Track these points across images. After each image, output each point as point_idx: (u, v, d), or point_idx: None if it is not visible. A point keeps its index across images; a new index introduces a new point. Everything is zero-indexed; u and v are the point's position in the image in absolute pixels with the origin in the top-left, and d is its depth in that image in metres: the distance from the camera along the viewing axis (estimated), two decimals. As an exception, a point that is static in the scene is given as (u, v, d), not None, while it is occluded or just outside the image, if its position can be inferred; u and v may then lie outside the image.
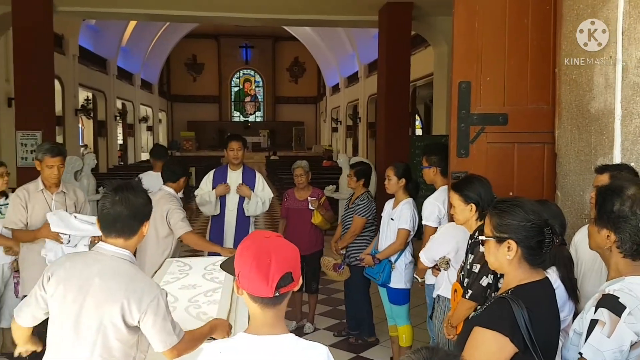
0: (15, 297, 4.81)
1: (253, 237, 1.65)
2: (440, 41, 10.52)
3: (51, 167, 4.08)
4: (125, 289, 2.13)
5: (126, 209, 2.20)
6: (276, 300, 1.59)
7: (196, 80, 36.54)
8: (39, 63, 8.38)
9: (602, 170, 2.90)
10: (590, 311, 1.93)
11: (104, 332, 2.14)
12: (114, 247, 2.22)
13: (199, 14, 10.21)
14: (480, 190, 3.06)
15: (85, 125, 19.57)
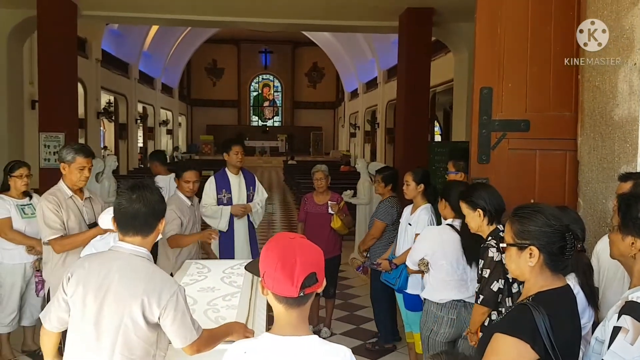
0: (37, 296, 4.89)
1: (278, 238, 1.67)
2: (460, 47, 10.47)
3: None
4: (144, 286, 2.16)
5: (144, 206, 2.23)
6: (301, 300, 1.61)
7: (216, 84, 36.85)
8: (63, 66, 8.51)
9: (626, 178, 2.86)
10: (612, 318, 1.90)
11: (124, 330, 2.17)
12: (132, 245, 2.25)
13: (220, 18, 10.28)
14: (485, 196, 3.10)
15: (106, 128, 19.82)
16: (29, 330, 5.04)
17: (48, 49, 8.36)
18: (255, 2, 8.93)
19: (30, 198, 4.88)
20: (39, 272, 4.82)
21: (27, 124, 9.93)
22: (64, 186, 3.84)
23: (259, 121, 38.43)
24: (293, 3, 9.00)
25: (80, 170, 3.79)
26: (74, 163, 3.78)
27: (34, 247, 4.71)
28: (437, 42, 11.83)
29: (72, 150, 3.82)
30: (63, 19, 8.50)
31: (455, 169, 4.16)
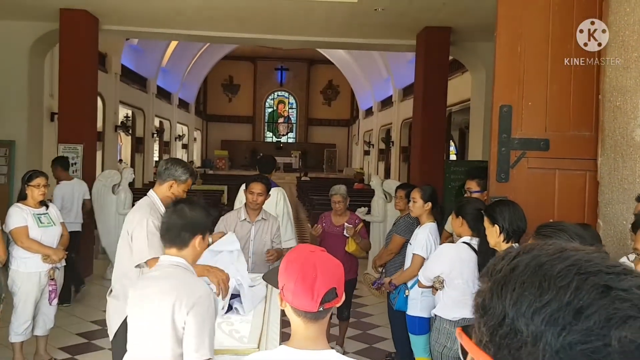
0: (50, 305, 4.92)
1: (299, 251, 1.66)
2: (478, 66, 10.48)
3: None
4: (177, 291, 2.24)
5: (179, 219, 2.39)
6: (320, 315, 1.58)
7: (231, 100, 37.14)
8: (84, 79, 8.64)
9: None
10: None
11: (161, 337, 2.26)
12: (170, 256, 2.40)
13: (238, 35, 10.39)
14: (506, 214, 3.08)
15: (123, 141, 20.00)
16: (41, 339, 5.05)
17: (69, 63, 8.50)
18: (273, 19, 9.02)
19: (47, 208, 4.94)
20: (53, 280, 4.86)
21: (46, 136, 10.06)
22: (159, 203, 3.46)
23: (273, 137, 38.60)
24: (311, 20, 9.07)
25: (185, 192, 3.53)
26: (185, 184, 3.50)
27: (49, 256, 4.76)
28: (454, 62, 11.85)
29: (189, 170, 3.55)
30: (84, 33, 8.65)
31: (480, 187, 4.13)
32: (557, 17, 3.68)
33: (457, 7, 7.84)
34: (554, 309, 0.60)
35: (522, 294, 0.62)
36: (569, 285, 0.61)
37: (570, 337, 0.59)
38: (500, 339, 0.63)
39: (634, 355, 0.57)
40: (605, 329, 0.58)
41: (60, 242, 4.97)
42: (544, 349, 0.60)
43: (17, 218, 4.72)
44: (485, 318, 0.66)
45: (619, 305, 0.59)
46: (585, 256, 0.65)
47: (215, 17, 8.99)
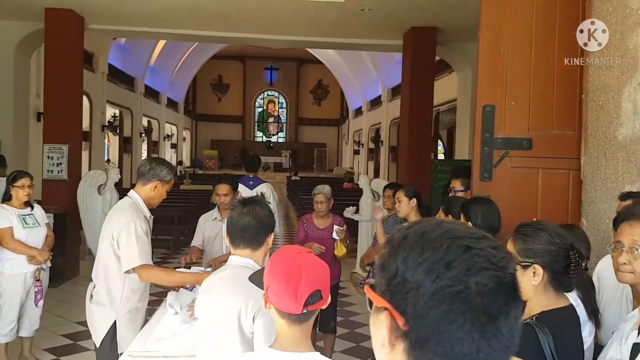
0: (36, 306, 4.88)
1: (284, 252, 1.64)
2: (464, 66, 10.51)
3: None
4: (243, 295, 2.18)
5: (253, 219, 2.35)
6: (304, 317, 1.58)
7: (221, 100, 37.04)
8: (69, 79, 8.58)
9: (626, 197, 2.85)
10: (631, 336, 1.86)
11: (229, 339, 2.21)
12: (240, 257, 2.36)
13: (226, 34, 10.35)
14: (479, 212, 3.10)
15: (111, 141, 19.89)
16: (26, 341, 5.02)
17: (54, 62, 8.43)
18: (262, 18, 9.00)
19: (32, 208, 4.90)
20: (38, 281, 4.83)
21: (32, 136, 9.98)
22: (143, 204, 3.38)
23: (263, 137, 38.54)
24: (299, 20, 9.06)
25: (166, 193, 3.47)
26: (168, 184, 3.43)
27: (34, 257, 4.73)
28: (441, 62, 11.88)
29: (173, 170, 3.48)
30: (70, 32, 8.58)
31: (464, 187, 4.14)
32: (541, 16, 3.69)
33: (443, 7, 7.86)
34: (430, 262, 0.79)
35: (409, 254, 0.81)
36: (442, 246, 0.80)
37: (441, 282, 0.77)
38: (394, 287, 0.82)
39: (486, 295, 0.77)
40: (466, 276, 0.77)
41: (45, 242, 4.93)
42: (423, 291, 0.78)
43: (2, 219, 4.68)
44: (384, 273, 0.84)
45: (476, 260, 0.78)
46: (455, 227, 0.84)
47: (203, 16, 8.95)
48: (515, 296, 0.81)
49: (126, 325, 3.30)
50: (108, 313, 3.29)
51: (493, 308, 0.77)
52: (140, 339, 3.00)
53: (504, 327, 0.78)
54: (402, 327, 0.80)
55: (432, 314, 0.77)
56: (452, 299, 0.77)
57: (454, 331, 0.76)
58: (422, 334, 0.78)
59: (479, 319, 0.76)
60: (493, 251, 0.80)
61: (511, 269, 0.81)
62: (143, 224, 3.24)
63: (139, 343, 2.94)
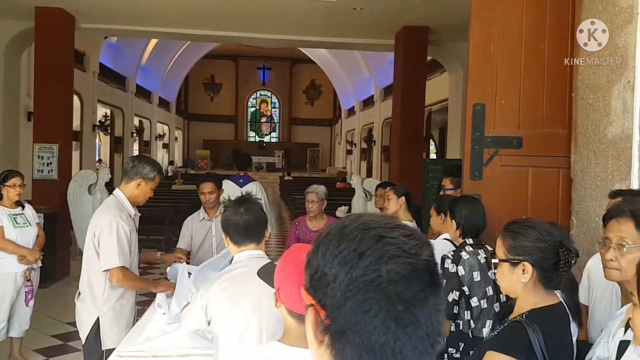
0: (26, 306, 4.86)
1: (295, 252, 1.61)
2: (455, 66, 10.54)
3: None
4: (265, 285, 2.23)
5: (252, 216, 2.48)
6: None
7: (213, 99, 36.95)
8: (59, 78, 8.53)
9: (615, 195, 2.85)
10: (618, 333, 1.86)
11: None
12: (249, 251, 2.48)
13: (218, 33, 10.32)
14: (464, 211, 3.14)
15: (102, 141, 19.80)
16: (16, 341, 4.99)
17: (45, 61, 8.38)
18: (254, 17, 8.98)
19: (22, 208, 4.88)
20: (29, 281, 4.81)
21: (23, 136, 9.91)
22: (127, 202, 3.38)
23: (256, 137, 38.48)
24: (291, 19, 9.05)
25: (152, 191, 3.48)
26: (153, 181, 3.42)
27: (25, 257, 4.71)
28: (433, 62, 11.91)
29: (157, 167, 3.47)
30: (61, 31, 8.54)
31: (453, 185, 4.16)
32: (531, 15, 3.70)
33: (435, 6, 7.87)
34: (345, 254, 0.81)
35: (328, 248, 0.83)
36: (356, 237, 0.81)
37: (355, 272, 0.79)
38: (315, 282, 0.84)
39: (399, 282, 0.77)
40: (378, 264, 0.78)
41: (36, 242, 4.92)
42: (339, 283, 0.80)
43: (-8, 219, 4.66)
44: (308, 269, 0.87)
45: (388, 248, 0.80)
46: (372, 218, 0.85)
47: (195, 14, 8.92)
48: (433, 283, 0.81)
49: (109, 322, 3.32)
50: (91, 310, 3.33)
51: (408, 295, 0.77)
52: (130, 339, 2.98)
53: (421, 315, 0.78)
54: (325, 321, 0.82)
55: (348, 305, 0.78)
56: (365, 288, 0.77)
57: (370, 320, 0.77)
58: (340, 326, 0.80)
59: (394, 307, 0.77)
60: (405, 239, 0.81)
61: (425, 255, 0.81)
62: (126, 224, 3.25)
63: (128, 343, 2.92)
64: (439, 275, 0.83)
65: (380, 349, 0.77)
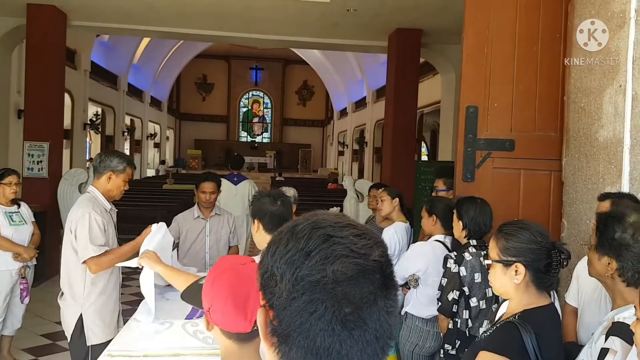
0: (21, 303, 4.85)
1: (225, 265, 1.46)
2: (448, 68, 10.57)
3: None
4: None
5: (286, 210, 2.66)
6: (254, 333, 1.39)
7: (205, 99, 36.82)
8: (50, 76, 8.47)
9: (604, 198, 2.88)
10: (599, 340, 1.88)
11: None
12: None
13: (211, 33, 10.29)
14: (472, 212, 3.15)
15: (93, 139, 19.68)
16: (6, 340, 4.98)
17: (36, 58, 8.32)
18: (247, 18, 8.96)
19: (18, 206, 4.88)
20: (24, 279, 4.82)
21: (12, 133, 9.83)
22: (101, 197, 3.37)
23: (248, 137, 38.39)
24: (285, 20, 9.04)
25: (125, 182, 3.43)
26: (124, 173, 3.39)
27: (20, 254, 4.71)
28: (425, 65, 11.94)
29: (126, 158, 3.43)
30: (52, 29, 8.48)
31: (446, 187, 4.18)
32: (524, 19, 3.72)
33: (428, 9, 7.89)
34: (292, 253, 0.79)
35: (277, 248, 0.81)
36: (304, 236, 0.79)
37: (301, 272, 0.77)
38: (265, 281, 0.82)
39: (346, 283, 0.75)
40: (324, 264, 0.76)
41: (31, 240, 4.92)
42: (286, 283, 0.78)
43: (-11, 216, 4.66)
44: (260, 269, 0.84)
45: (335, 248, 0.77)
46: (324, 217, 0.83)
47: (188, 13, 8.89)
48: (384, 284, 0.79)
49: (92, 317, 3.32)
50: (73, 307, 3.33)
51: (355, 297, 0.75)
52: (120, 338, 2.96)
53: (369, 318, 0.76)
54: (273, 322, 0.80)
55: (294, 305, 0.76)
56: (311, 288, 0.75)
57: (315, 322, 0.75)
58: (285, 326, 0.78)
59: (340, 308, 0.75)
60: (355, 239, 0.79)
61: (375, 256, 0.79)
62: (99, 216, 3.24)
63: (119, 342, 2.90)
64: (393, 277, 0.81)
65: (326, 352, 0.75)
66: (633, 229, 1.91)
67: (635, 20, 3.05)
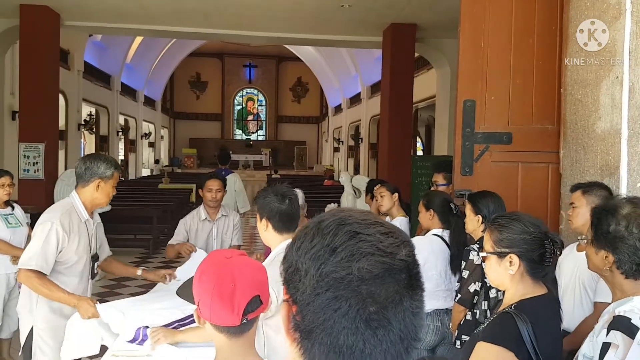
0: (18, 306, 4.81)
1: (212, 259, 1.47)
2: (443, 63, 10.58)
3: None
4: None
5: (296, 208, 2.61)
6: (244, 327, 1.42)
7: (199, 97, 36.74)
8: (45, 77, 8.45)
9: (575, 189, 2.99)
10: (601, 334, 1.88)
11: None
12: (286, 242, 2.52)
13: (204, 30, 10.28)
14: (491, 206, 3.13)
15: (87, 140, 19.62)
16: (5, 342, 4.95)
17: (30, 59, 8.30)
18: (241, 15, 8.95)
19: (12, 208, 4.80)
20: (23, 282, 4.76)
21: (7, 135, 9.79)
22: (81, 206, 3.06)
23: (243, 135, 38.35)
24: (278, 17, 9.03)
25: (113, 189, 3.13)
26: (112, 179, 3.09)
27: (18, 257, 4.64)
28: (419, 59, 11.95)
29: (112, 164, 3.11)
30: (46, 29, 8.45)
31: (446, 181, 4.19)
32: (520, 12, 3.73)
33: (422, 3, 7.90)
34: (318, 249, 0.78)
35: (302, 243, 0.81)
36: (330, 232, 0.79)
37: (325, 268, 0.76)
38: (289, 276, 0.82)
39: (372, 281, 0.75)
40: (349, 262, 0.76)
41: (28, 243, 4.84)
42: (310, 279, 0.77)
43: (-15, 219, 4.60)
44: (284, 263, 0.84)
45: (361, 245, 0.77)
46: (350, 213, 0.82)
47: (181, 12, 8.87)
48: (411, 285, 0.78)
49: (44, 335, 2.99)
50: (26, 318, 3.03)
51: (381, 295, 0.75)
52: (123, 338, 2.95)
53: (394, 318, 0.76)
54: (296, 317, 0.80)
55: (317, 302, 0.76)
56: (336, 285, 0.75)
57: (339, 319, 0.75)
58: (308, 322, 0.77)
59: (365, 307, 0.74)
60: (382, 237, 0.78)
61: (402, 255, 0.78)
62: (63, 229, 2.91)
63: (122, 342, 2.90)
64: (419, 277, 0.80)
65: (349, 350, 0.75)
66: (626, 221, 1.92)
67: (631, 12, 3.06)
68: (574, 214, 2.95)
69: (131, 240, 10.13)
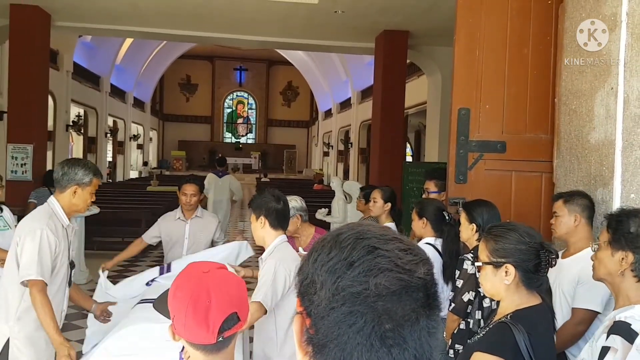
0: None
1: (188, 274, 1.41)
2: (434, 70, 10.62)
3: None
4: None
5: (285, 206, 2.97)
6: (221, 345, 1.36)
7: (189, 100, 36.63)
8: (34, 77, 8.38)
9: (557, 198, 3.04)
10: (601, 338, 1.90)
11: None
12: (281, 237, 2.93)
13: (195, 33, 10.25)
14: (485, 215, 3.13)
15: (75, 141, 19.46)
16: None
17: (19, 59, 8.23)
18: (232, 18, 8.92)
19: (1, 211, 4.70)
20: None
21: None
22: (61, 212, 2.98)
23: (232, 138, 38.27)
24: (270, 21, 9.02)
25: (91, 195, 3.04)
26: (90, 186, 3.00)
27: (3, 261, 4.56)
28: (410, 66, 12.00)
29: (91, 170, 3.01)
30: (36, 29, 8.38)
31: (437, 188, 4.18)
32: (515, 21, 3.75)
33: (415, 10, 7.93)
34: (334, 262, 0.77)
35: (320, 255, 0.80)
36: (348, 246, 0.78)
37: (342, 282, 0.75)
38: (304, 288, 0.80)
39: (389, 298, 0.73)
40: (366, 277, 0.74)
41: None
42: (326, 292, 0.76)
43: (-26, 222, 4.51)
44: (299, 275, 0.82)
45: (379, 261, 0.76)
46: (369, 228, 0.81)
47: (172, 14, 8.83)
48: (428, 304, 0.76)
49: (21, 346, 2.88)
50: (1, 328, 2.90)
51: (397, 313, 0.73)
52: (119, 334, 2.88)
53: (409, 336, 0.74)
54: (310, 331, 0.78)
55: (332, 316, 0.75)
56: (352, 300, 0.74)
57: (353, 335, 0.73)
58: (322, 336, 0.76)
59: (380, 324, 0.73)
60: (400, 253, 0.77)
61: (421, 273, 0.77)
62: (52, 234, 2.86)
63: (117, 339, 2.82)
64: (437, 297, 0.79)
65: None
66: None
67: (626, 24, 3.08)
68: (557, 223, 2.99)
69: (119, 243, 10.01)
